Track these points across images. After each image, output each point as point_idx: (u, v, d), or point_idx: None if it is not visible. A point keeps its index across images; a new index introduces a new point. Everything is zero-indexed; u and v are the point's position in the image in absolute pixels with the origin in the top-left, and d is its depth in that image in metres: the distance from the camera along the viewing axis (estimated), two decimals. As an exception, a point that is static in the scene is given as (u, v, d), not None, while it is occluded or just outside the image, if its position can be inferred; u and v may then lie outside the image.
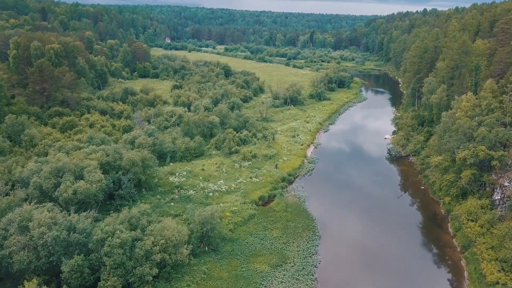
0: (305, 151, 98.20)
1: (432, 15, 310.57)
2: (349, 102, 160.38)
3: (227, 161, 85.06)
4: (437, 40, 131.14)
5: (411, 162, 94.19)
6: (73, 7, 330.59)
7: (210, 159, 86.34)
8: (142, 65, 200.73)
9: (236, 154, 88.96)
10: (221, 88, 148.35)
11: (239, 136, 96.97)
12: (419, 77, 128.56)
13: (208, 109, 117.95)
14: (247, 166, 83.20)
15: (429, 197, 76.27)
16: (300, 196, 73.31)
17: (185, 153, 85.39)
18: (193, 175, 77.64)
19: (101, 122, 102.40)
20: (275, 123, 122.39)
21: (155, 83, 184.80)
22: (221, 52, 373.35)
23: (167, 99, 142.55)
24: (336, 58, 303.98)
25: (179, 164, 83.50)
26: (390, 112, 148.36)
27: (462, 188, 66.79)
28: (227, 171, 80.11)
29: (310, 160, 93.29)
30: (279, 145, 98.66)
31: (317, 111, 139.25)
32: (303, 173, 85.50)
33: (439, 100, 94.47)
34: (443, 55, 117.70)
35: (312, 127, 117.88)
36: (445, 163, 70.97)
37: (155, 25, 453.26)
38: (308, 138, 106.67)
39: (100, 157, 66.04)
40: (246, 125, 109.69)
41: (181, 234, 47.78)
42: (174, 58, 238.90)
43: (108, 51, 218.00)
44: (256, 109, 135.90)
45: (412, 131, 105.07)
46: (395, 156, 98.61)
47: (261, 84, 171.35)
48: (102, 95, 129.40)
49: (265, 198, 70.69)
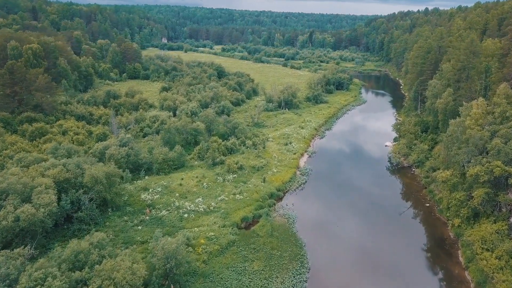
0: (298, 161, 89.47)
1: (434, 14, 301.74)
2: (347, 105, 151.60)
3: (210, 174, 76.33)
4: (441, 39, 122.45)
5: (414, 174, 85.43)
6: (65, 6, 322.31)
7: (191, 172, 77.63)
8: (132, 66, 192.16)
9: (220, 166, 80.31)
10: (212, 90, 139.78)
11: (225, 145, 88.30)
12: (422, 79, 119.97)
13: (194, 114, 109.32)
14: (231, 180, 74.50)
15: (435, 216, 67.52)
16: (289, 216, 64.59)
17: (162, 165, 76.65)
18: (169, 191, 68.94)
19: (76, 129, 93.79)
20: (267, 129, 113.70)
21: (145, 85, 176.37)
22: (218, 52, 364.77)
23: (155, 102, 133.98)
24: (335, 58, 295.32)
25: (156, 177, 74.80)
26: (391, 116, 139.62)
27: (474, 209, 58.08)
28: (208, 186, 71.40)
29: (302, 172, 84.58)
30: (270, 155, 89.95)
31: (313, 115, 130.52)
32: (294, 187, 76.78)
33: (445, 106, 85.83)
34: (448, 55, 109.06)
35: (307, 133, 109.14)
36: (454, 179, 62.25)
37: (152, 25, 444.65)
38: (301, 146, 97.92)
39: (57, 173, 57.45)
40: (235, 132, 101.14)
41: (136, 275, 39.13)
42: (167, 59, 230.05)
43: (97, 52, 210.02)
44: (248, 113, 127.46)
45: (415, 138, 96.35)
46: (397, 166, 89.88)
47: (255, 86, 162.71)
48: (82, 98, 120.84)
49: (249, 220, 61.96)
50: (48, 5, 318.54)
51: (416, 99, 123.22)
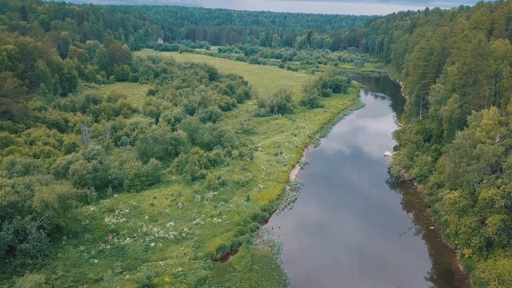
0: (288, 174, 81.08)
1: (435, 14, 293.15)
2: (345, 109, 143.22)
3: (187, 192, 67.93)
4: (445, 40, 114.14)
5: (416, 189, 77.13)
6: (56, 5, 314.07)
7: (166, 188, 69.25)
8: (120, 68, 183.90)
9: (201, 181, 71.96)
10: (200, 94, 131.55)
11: (207, 157, 79.92)
12: (424, 83, 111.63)
13: (179, 121, 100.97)
14: (211, 199, 66.17)
15: (440, 242, 59.24)
16: (273, 243, 56.27)
17: (134, 181, 68.24)
18: (138, 212, 60.63)
19: (45, 138, 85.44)
20: (257, 137, 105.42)
21: (132, 88, 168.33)
22: (214, 53, 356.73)
23: (140, 107, 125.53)
24: (333, 59, 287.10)
25: (126, 195, 66.43)
26: (391, 121, 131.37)
27: (487, 238, 49.84)
28: (183, 207, 63.07)
29: (293, 187, 76.24)
30: (257, 167, 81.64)
31: (308, 121, 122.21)
32: (282, 206, 68.45)
33: (450, 113, 77.48)
34: (452, 57, 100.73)
35: (300, 141, 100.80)
36: (463, 201, 53.95)
37: (147, 25, 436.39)
38: (293, 157, 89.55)
39: (1, 196, 49.17)
40: (221, 140, 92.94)
41: None
42: (159, 60, 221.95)
43: (85, 53, 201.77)
44: (238, 118, 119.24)
45: (417, 148, 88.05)
46: (397, 180, 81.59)
47: (247, 89, 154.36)
48: (59, 103, 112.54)
49: (226, 249, 53.61)
50: (39, 5, 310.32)
51: (418, 104, 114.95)
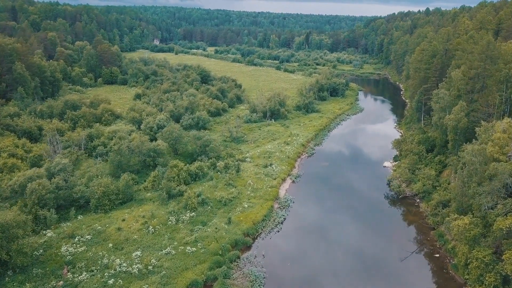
0: (277, 189, 73.54)
1: (436, 14, 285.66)
2: (342, 114, 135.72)
3: (161, 212, 60.45)
4: (448, 41, 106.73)
5: (419, 207, 69.64)
6: (48, 6, 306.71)
7: (139, 208, 61.75)
8: (109, 70, 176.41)
9: (179, 199, 64.53)
10: (189, 98, 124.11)
11: (188, 170, 72.40)
12: (426, 87, 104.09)
13: (162, 128, 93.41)
14: (187, 221, 58.66)
15: (447, 273, 51.70)
16: (255, 276, 48.69)
17: (102, 200, 60.75)
18: (102, 239, 53.14)
19: (12, 149, 77.96)
20: (246, 145, 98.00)
21: (121, 91, 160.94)
22: (211, 54, 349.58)
23: (124, 112, 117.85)
24: (332, 60, 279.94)
25: (92, 217, 58.98)
26: (390, 127, 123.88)
27: (504, 275, 42.41)
28: (154, 231, 55.58)
29: (282, 204, 68.77)
30: (244, 181, 74.14)
31: (302, 128, 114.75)
32: (268, 228, 60.93)
33: (456, 122, 70.00)
34: (456, 60, 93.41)
35: (292, 151, 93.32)
36: (474, 229, 46.47)
37: (143, 26, 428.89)
38: (284, 169, 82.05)
39: None
40: (206, 151, 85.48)
41: None
42: (151, 62, 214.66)
43: (74, 54, 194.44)
44: (229, 125, 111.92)
45: (419, 160, 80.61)
46: (398, 196, 74.12)
47: (239, 93, 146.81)
48: (35, 109, 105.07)
49: (199, 285, 46.05)
50: (31, 5, 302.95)
51: (419, 110, 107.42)
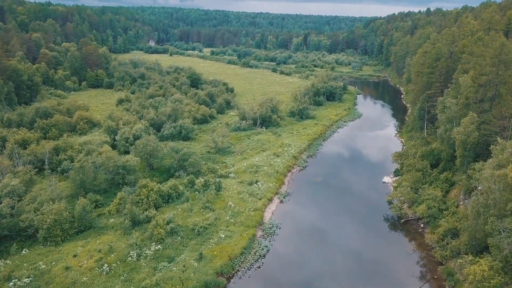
0: (262, 212, 64.59)
1: (437, 14, 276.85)
2: (339, 121, 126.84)
3: (121, 245, 51.51)
4: (454, 43, 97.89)
5: (423, 234, 60.68)
6: (38, 6, 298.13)
7: (96, 239, 52.87)
8: (94, 73, 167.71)
9: (145, 226, 55.64)
10: (175, 104, 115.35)
11: (159, 191, 63.49)
12: (429, 94, 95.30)
13: (138, 139, 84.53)
14: (151, 256, 49.74)
15: (460, 324, 42.97)
16: (224, 332, 40.02)
17: (52, 230, 51.82)
18: (43, 282, 44.18)
19: (-35, 165, 69.22)
20: (232, 158, 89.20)
21: (106, 95, 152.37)
22: (206, 55, 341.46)
23: (102, 120, 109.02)
24: (330, 62, 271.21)
25: (39, 251, 50.10)
26: (391, 135, 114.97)
27: None
28: (110, 270, 46.67)
29: (266, 231, 59.86)
30: (224, 203, 65.23)
31: (295, 136, 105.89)
32: (248, 264, 51.93)
33: (466, 137, 61.19)
34: (463, 63, 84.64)
35: (282, 164, 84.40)
36: (496, 278, 37.58)
37: (138, 27, 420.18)
38: (271, 187, 73.10)
39: None
40: (184, 165, 76.67)
41: None
42: (142, 64, 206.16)
43: (60, 56, 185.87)
44: (216, 133, 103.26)
45: (422, 177, 71.69)
46: (399, 218, 65.25)
47: (230, 98, 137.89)
48: (2, 118, 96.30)
49: None
50: (21, 5, 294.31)
51: (422, 118, 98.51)
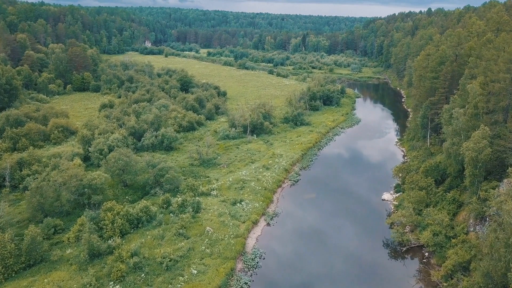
0: (245, 239, 56.69)
1: (439, 14, 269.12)
2: (335, 127, 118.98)
3: (73, 284, 43.78)
4: (460, 45, 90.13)
5: (428, 265, 52.91)
6: (29, 6, 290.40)
7: (46, 277, 44.99)
8: (80, 76, 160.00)
9: (107, 258, 47.85)
10: (159, 110, 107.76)
11: (127, 214, 55.70)
12: (433, 101, 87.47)
13: (112, 150, 76.77)
14: (106, 300, 42.14)
15: None
16: None
17: (-7, 268, 44.30)
18: (-32, 338, 36.70)
19: None
20: (217, 171, 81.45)
21: (91, 100, 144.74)
22: (203, 56, 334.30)
23: (79, 127, 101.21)
24: (329, 64, 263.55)
25: (-26, 293, 42.61)
26: (391, 144, 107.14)
27: None
28: (53, 321, 39.07)
29: (248, 263, 52.01)
30: (201, 228, 57.38)
31: (288, 145, 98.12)
32: (222, 305, 44.35)
33: (477, 153, 53.44)
34: (470, 68, 76.86)
35: (272, 179, 76.52)
36: None
37: (134, 27, 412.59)
38: (257, 207, 65.25)
39: None
40: (161, 182, 68.93)
41: None
42: (132, 66, 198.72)
43: (46, 58, 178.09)
44: (201, 143, 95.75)
45: (426, 196, 63.92)
46: (401, 245, 57.47)
47: (220, 103, 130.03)
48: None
49: None
50: (11, 5, 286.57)
51: (425, 127, 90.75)
